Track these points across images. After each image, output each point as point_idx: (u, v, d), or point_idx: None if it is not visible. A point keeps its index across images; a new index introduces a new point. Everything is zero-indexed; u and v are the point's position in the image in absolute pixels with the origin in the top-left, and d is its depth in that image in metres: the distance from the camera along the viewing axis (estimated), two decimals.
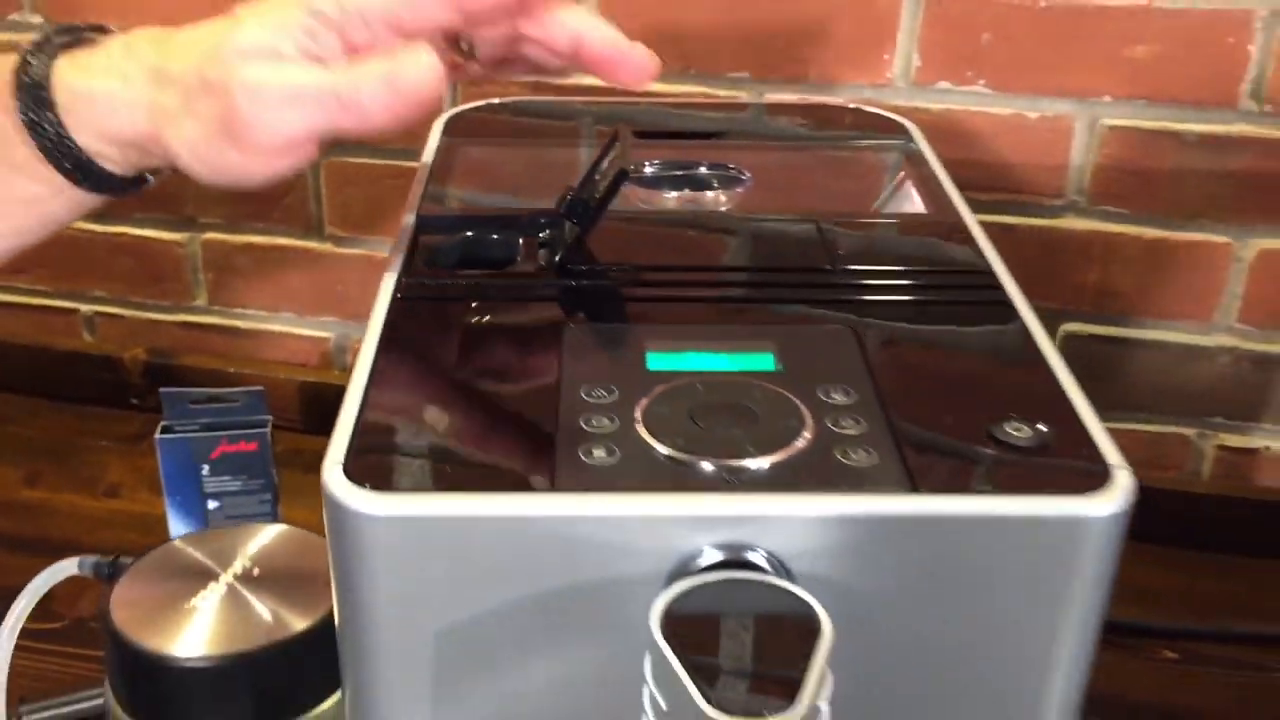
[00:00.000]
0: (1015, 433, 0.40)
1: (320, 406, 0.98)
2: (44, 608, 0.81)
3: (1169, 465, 0.94)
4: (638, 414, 0.41)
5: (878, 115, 0.71)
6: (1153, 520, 0.88)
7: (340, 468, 0.39)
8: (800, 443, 0.40)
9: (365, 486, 0.38)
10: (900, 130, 0.67)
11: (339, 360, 1.04)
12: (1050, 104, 0.86)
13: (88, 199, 0.53)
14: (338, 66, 0.45)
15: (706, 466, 0.39)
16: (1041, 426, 0.40)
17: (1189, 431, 0.93)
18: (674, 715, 0.35)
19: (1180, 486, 0.93)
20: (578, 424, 0.41)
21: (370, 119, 0.45)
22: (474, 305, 0.48)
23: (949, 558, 0.38)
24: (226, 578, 0.50)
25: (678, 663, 0.34)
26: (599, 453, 0.39)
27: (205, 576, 0.50)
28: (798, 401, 0.41)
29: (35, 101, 0.49)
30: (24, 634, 0.78)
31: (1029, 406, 0.42)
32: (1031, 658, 0.40)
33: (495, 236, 0.53)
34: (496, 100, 0.77)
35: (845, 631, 0.38)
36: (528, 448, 0.41)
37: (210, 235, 1.04)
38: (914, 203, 0.59)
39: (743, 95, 0.89)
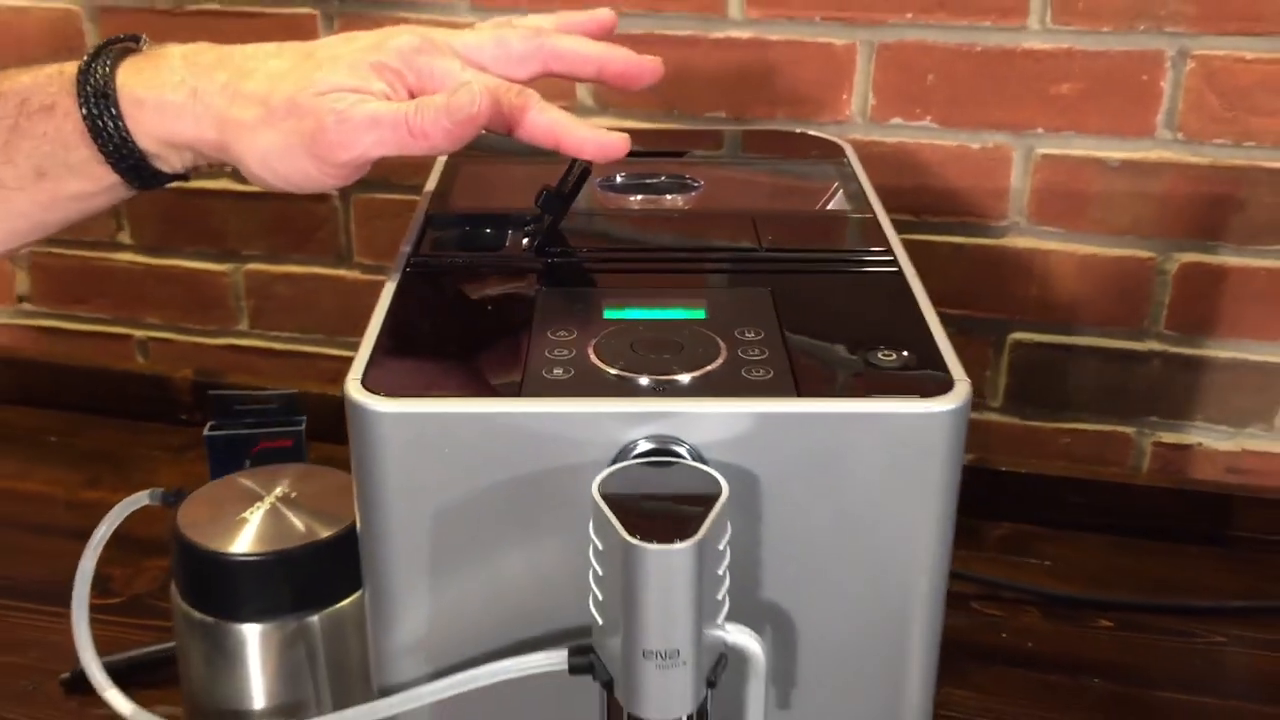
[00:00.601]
0: (884, 357, 0.51)
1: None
2: (103, 585, 0.93)
3: (1112, 461, 1.04)
4: (591, 346, 0.52)
5: (820, 138, 0.82)
6: (1099, 511, 0.99)
7: (359, 380, 0.50)
8: (715, 364, 0.51)
9: (378, 394, 0.49)
10: (838, 151, 0.78)
11: None
12: (990, 136, 0.97)
13: (127, 192, 0.59)
14: (401, 100, 0.55)
15: (642, 380, 0.50)
16: (906, 353, 0.51)
17: (1129, 430, 1.03)
18: (607, 552, 0.45)
19: (1123, 480, 1.03)
20: (544, 354, 0.52)
21: (433, 141, 0.54)
22: (468, 275, 0.60)
23: (827, 448, 0.48)
24: (270, 499, 0.61)
25: (609, 510, 0.45)
26: (558, 371, 0.50)
27: (253, 498, 0.61)
28: (717, 338, 0.52)
29: (100, 106, 0.55)
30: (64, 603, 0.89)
31: (900, 341, 0.52)
32: (897, 532, 0.50)
33: (488, 230, 0.64)
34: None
35: (745, 508, 0.49)
36: (504, 369, 0.52)
37: (251, 266, 1.16)
38: (840, 205, 0.70)
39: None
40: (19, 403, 1.22)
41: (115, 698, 0.58)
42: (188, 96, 0.56)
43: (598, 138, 0.56)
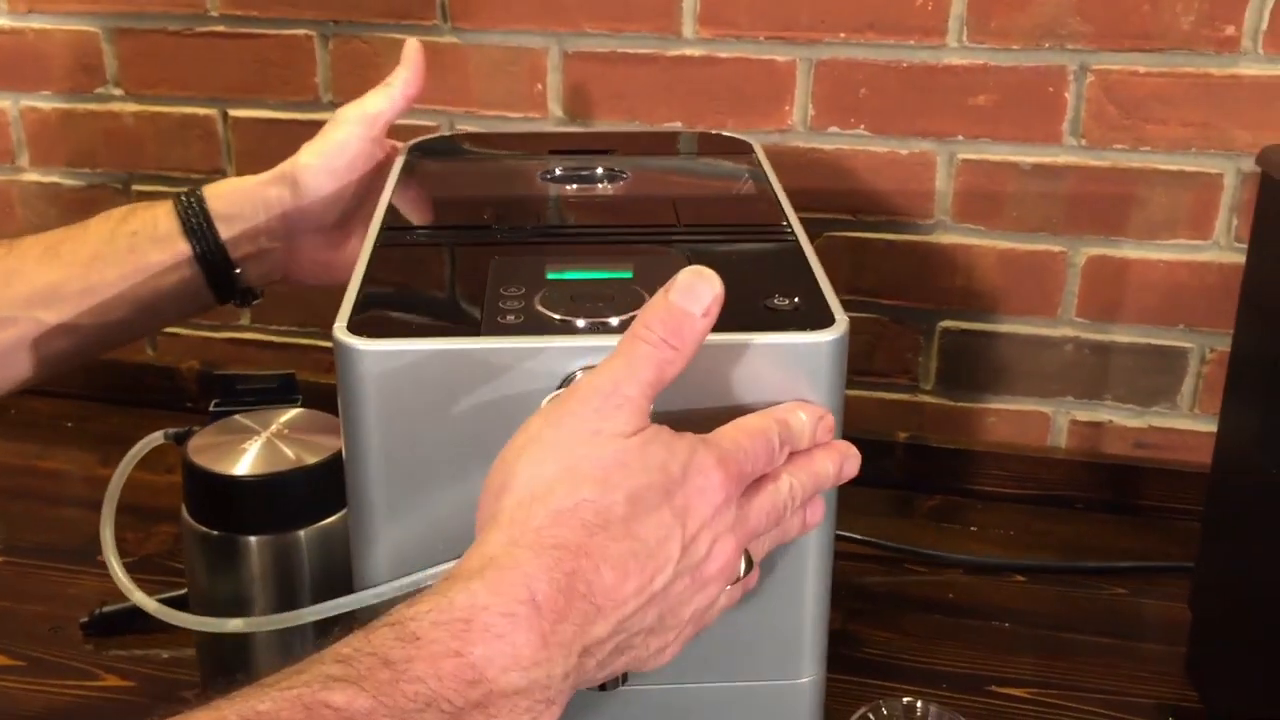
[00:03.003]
0: (779, 303, 0.62)
1: None
2: (118, 547, 1.03)
3: (1033, 437, 1.15)
4: (537, 298, 0.63)
5: (733, 138, 0.93)
6: (1019, 482, 1.09)
7: (345, 324, 0.60)
8: (639, 309, 0.61)
9: (361, 335, 0.60)
10: (748, 148, 0.90)
11: None
12: (916, 143, 1.08)
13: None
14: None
15: (580, 323, 0.60)
16: (797, 300, 0.62)
17: (1047, 409, 1.14)
18: None
19: (1041, 454, 1.13)
20: (498, 305, 0.62)
21: None
22: (432, 244, 0.70)
23: (734, 374, 0.59)
24: (266, 434, 0.72)
25: None
26: (511, 317, 0.61)
27: (251, 433, 0.72)
28: (642, 290, 0.63)
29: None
30: (86, 562, 0.99)
31: (793, 291, 0.63)
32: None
33: (448, 209, 0.76)
34: (448, 133, 1.02)
35: (666, 424, 0.59)
36: (465, 317, 0.62)
37: None
38: (748, 190, 0.81)
39: None
40: (40, 392, 1.31)
41: (141, 597, 0.68)
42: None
43: None
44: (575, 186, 0.80)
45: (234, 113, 1.21)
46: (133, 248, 0.78)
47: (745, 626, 0.65)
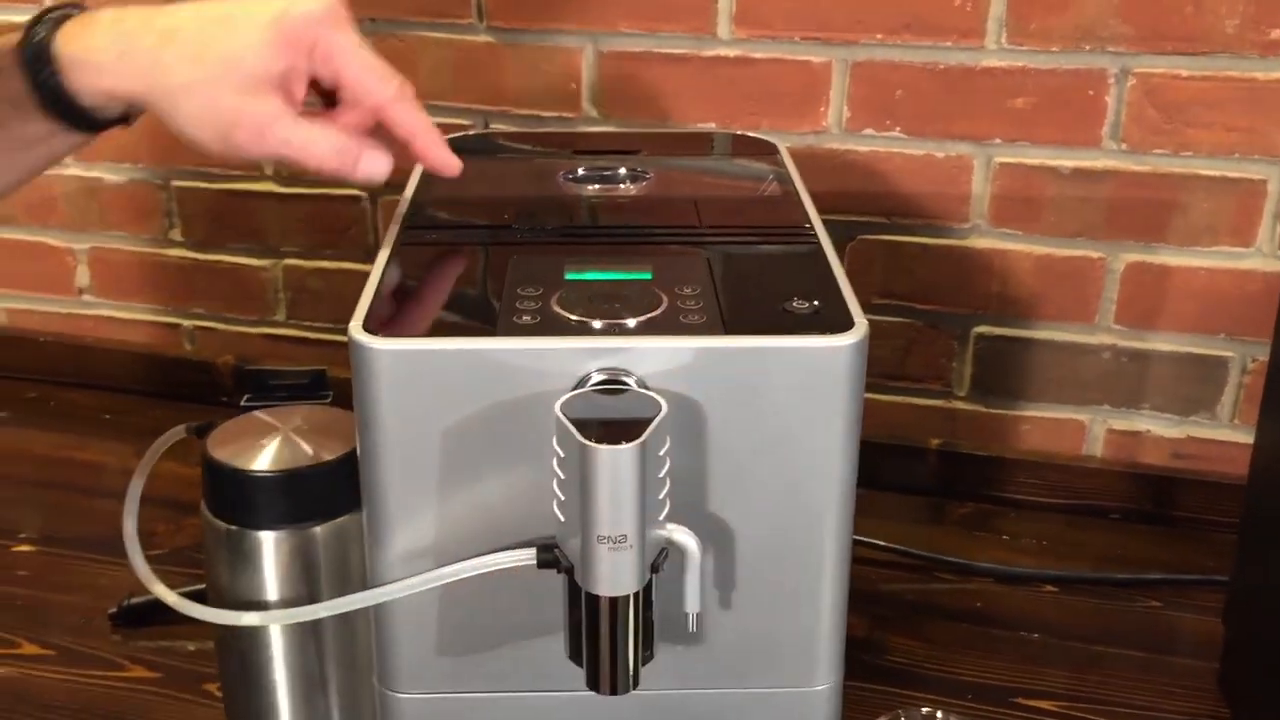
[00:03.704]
0: (798, 305, 0.61)
1: None
2: (149, 539, 1.03)
3: (1068, 445, 1.13)
4: (554, 299, 0.62)
5: (757, 139, 0.92)
6: (1053, 491, 1.07)
7: (361, 323, 0.60)
8: (657, 312, 0.61)
9: (376, 334, 0.60)
10: (773, 150, 0.89)
11: None
12: (953, 146, 1.07)
13: (77, 136, 0.65)
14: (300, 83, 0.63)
15: (596, 324, 0.60)
16: (816, 303, 0.61)
17: (1083, 417, 1.12)
18: (568, 459, 0.55)
19: (1076, 463, 1.11)
20: (515, 305, 0.62)
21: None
22: (452, 244, 0.70)
23: (751, 377, 0.58)
24: (285, 430, 0.72)
25: (569, 423, 0.55)
26: (527, 318, 0.61)
27: (270, 429, 0.72)
28: (660, 291, 0.62)
29: (40, 68, 0.62)
30: (115, 553, 1.00)
31: (813, 294, 0.62)
32: (811, 447, 0.59)
33: (470, 209, 0.75)
34: (473, 132, 1.02)
35: (684, 428, 0.59)
36: (482, 316, 0.62)
37: (289, 261, 1.28)
38: (771, 192, 0.80)
39: None
40: (79, 385, 1.34)
41: (161, 590, 0.68)
42: (116, 58, 0.62)
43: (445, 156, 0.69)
44: (598, 187, 0.79)
45: None
46: None
47: (760, 632, 0.64)
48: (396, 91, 0.66)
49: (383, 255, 0.68)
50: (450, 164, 0.69)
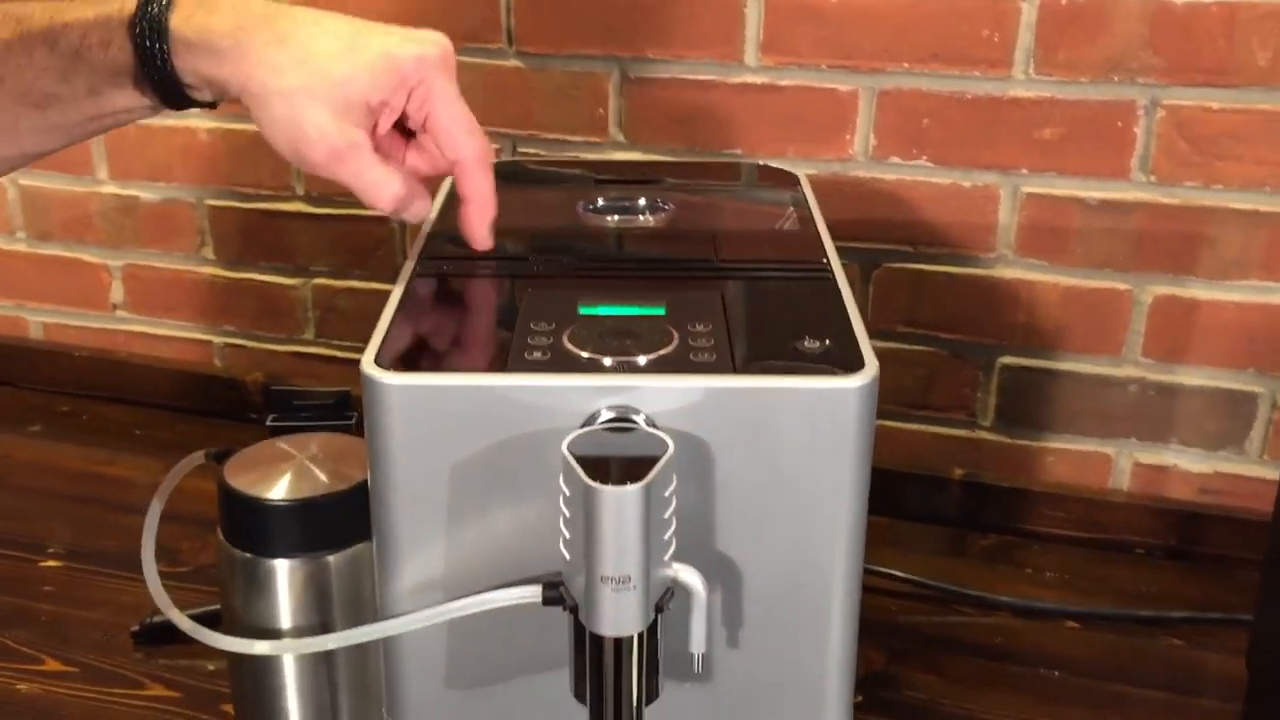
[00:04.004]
0: (809, 345, 0.61)
1: None
2: (173, 556, 1.05)
3: (1093, 479, 1.12)
4: (565, 334, 0.62)
5: (779, 169, 0.92)
6: (1078, 524, 1.06)
7: (373, 358, 0.61)
8: (668, 349, 0.61)
9: (387, 368, 0.60)
10: (794, 180, 0.88)
11: None
12: (980, 175, 1.06)
13: (159, 110, 0.65)
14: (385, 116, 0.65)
15: (606, 361, 0.60)
16: (828, 342, 0.61)
17: (1109, 450, 1.11)
18: (573, 498, 0.55)
19: (1101, 496, 1.10)
20: (526, 340, 0.62)
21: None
22: (467, 277, 0.71)
23: (760, 417, 0.58)
24: (301, 458, 0.72)
25: (575, 462, 0.55)
26: (538, 354, 0.61)
27: (286, 457, 0.73)
28: (671, 329, 0.62)
29: (152, 45, 0.61)
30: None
31: (824, 333, 0.62)
32: (820, 488, 0.59)
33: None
34: (503, 159, 1.03)
35: (693, 467, 0.59)
36: (492, 351, 0.62)
37: (318, 281, 1.29)
38: (790, 224, 0.80)
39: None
40: (112, 399, 1.36)
41: (176, 615, 0.69)
42: (231, 46, 0.62)
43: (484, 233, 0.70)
44: (616, 218, 0.79)
45: None
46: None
47: (768, 672, 0.64)
48: (479, 153, 0.67)
49: (398, 288, 0.68)
50: (484, 242, 0.70)
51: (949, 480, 1.13)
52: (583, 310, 0.65)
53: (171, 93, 0.64)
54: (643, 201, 0.80)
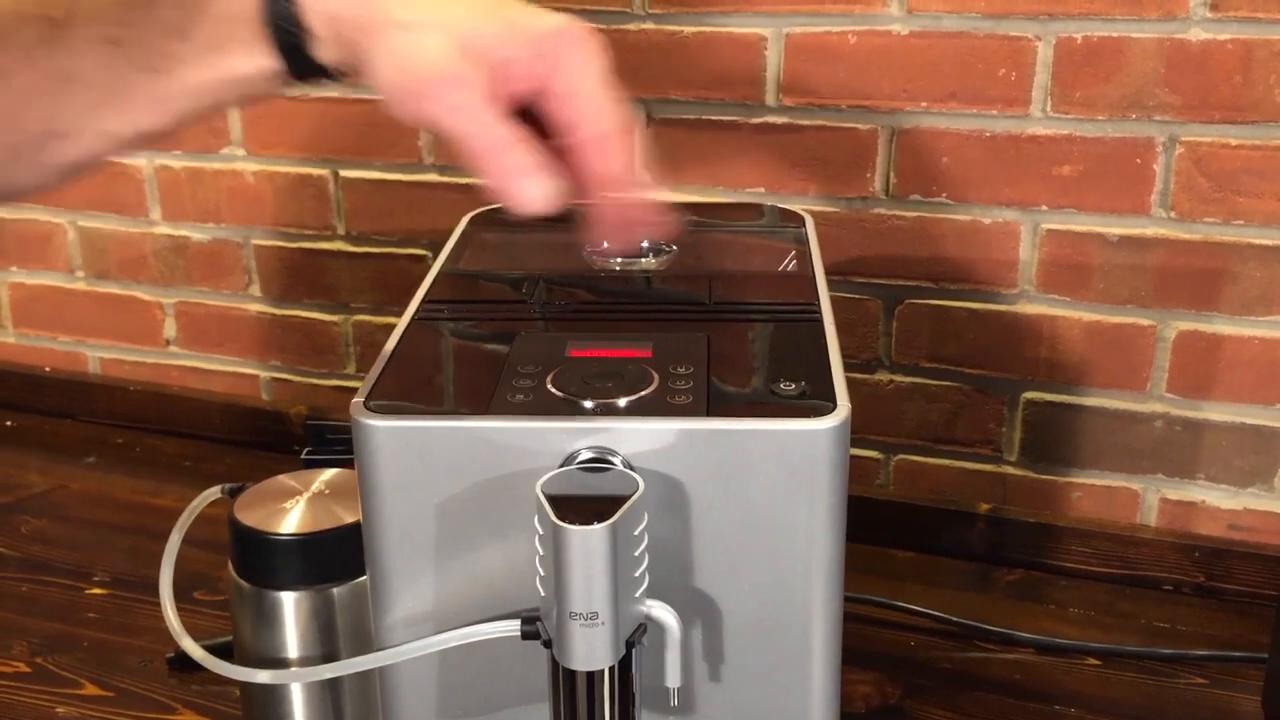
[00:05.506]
0: (785, 387, 0.62)
1: None
2: (213, 585, 1.08)
3: (1120, 514, 1.11)
4: (549, 377, 0.64)
5: (786, 210, 0.93)
6: (1104, 560, 1.06)
7: (363, 402, 0.63)
8: (647, 391, 0.62)
9: (376, 413, 0.63)
10: (799, 220, 0.90)
11: None
12: (1000, 212, 1.07)
13: (280, 84, 0.59)
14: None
15: (586, 403, 0.62)
16: (804, 384, 0.62)
17: (1136, 486, 1.10)
18: (546, 537, 0.57)
19: (1127, 532, 1.10)
20: (511, 383, 0.64)
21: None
22: (463, 322, 0.73)
23: (734, 458, 0.59)
24: (307, 494, 0.75)
25: (546, 503, 0.57)
26: (520, 396, 0.63)
27: (295, 493, 0.76)
28: (653, 371, 0.64)
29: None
30: (182, 599, 1.05)
31: (802, 375, 0.63)
32: (795, 528, 0.60)
33: (489, 286, 0.78)
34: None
35: (669, 507, 0.60)
36: (477, 394, 0.64)
37: (359, 317, 1.33)
38: (787, 266, 0.82)
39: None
40: (163, 432, 1.40)
41: (189, 644, 0.72)
42: None
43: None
44: (619, 261, 0.82)
45: (344, 173, 1.27)
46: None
47: (749, 706, 0.65)
48: (622, 124, 0.59)
49: (397, 330, 0.71)
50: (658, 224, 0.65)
51: (975, 515, 1.13)
52: (571, 352, 0.67)
53: (293, 46, 0.58)
54: (646, 244, 0.82)
